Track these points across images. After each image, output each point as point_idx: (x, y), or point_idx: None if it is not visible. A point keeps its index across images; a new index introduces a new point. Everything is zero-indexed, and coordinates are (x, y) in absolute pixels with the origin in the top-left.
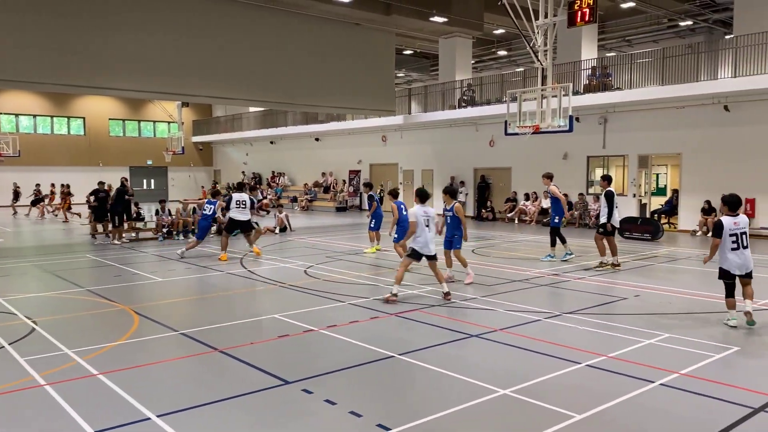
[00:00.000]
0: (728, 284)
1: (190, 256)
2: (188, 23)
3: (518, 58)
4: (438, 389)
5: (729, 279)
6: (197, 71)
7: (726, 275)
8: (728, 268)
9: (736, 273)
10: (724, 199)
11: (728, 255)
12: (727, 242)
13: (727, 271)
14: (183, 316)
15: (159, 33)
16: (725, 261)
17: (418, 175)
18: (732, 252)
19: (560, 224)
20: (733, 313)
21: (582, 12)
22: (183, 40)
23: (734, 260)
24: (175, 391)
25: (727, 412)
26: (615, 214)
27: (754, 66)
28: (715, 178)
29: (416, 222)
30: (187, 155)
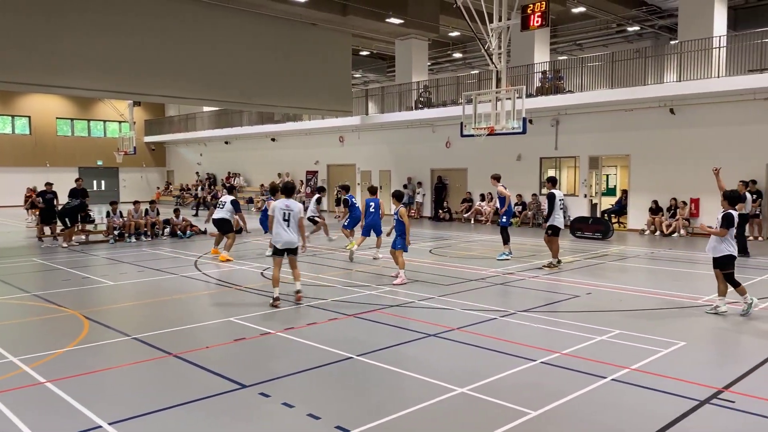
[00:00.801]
0: (732, 273)
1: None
2: (140, 21)
3: (473, 60)
4: (396, 389)
5: (732, 268)
6: (149, 70)
7: (732, 262)
8: (735, 255)
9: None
10: (725, 195)
11: (734, 244)
12: (732, 232)
13: (734, 257)
14: (136, 320)
15: (110, 31)
16: (734, 248)
17: (376, 176)
18: (734, 240)
19: (508, 224)
20: (743, 299)
21: (535, 16)
22: (135, 38)
23: (736, 248)
24: (128, 398)
25: (675, 405)
26: (559, 215)
27: (698, 71)
28: (661, 178)
29: (273, 216)
30: (139, 155)
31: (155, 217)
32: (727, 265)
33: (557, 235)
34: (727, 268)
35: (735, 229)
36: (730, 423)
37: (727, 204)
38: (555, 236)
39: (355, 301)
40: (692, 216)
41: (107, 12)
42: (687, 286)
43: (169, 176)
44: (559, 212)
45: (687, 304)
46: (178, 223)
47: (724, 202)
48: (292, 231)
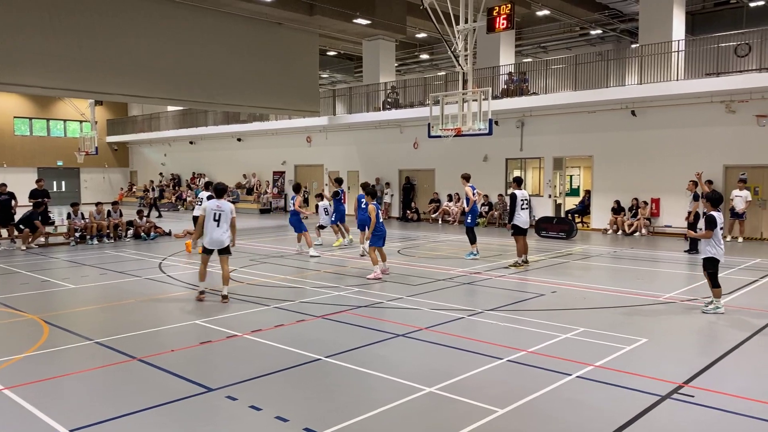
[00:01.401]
0: (714, 273)
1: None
2: (102, 18)
3: (440, 62)
4: (365, 390)
5: (715, 268)
6: (112, 68)
7: (716, 264)
8: (719, 257)
9: (722, 261)
10: (707, 197)
11: (720, 246)
12: (718, 234)
13: (717, 260)
14: (98, 324)
15: (71, 27)
16: (719, 251)
17: (344, 177)
18: (721, 242)
19: (474, 224)
20: (720, 300)
21: (500, 18)
22: (96, 35)
23: (723, 251)
24: (90, 404)
25: (638, 400)
26: (523, 215)
27: (658, 74)
28: (623, 179)
29: (203, 216)
30: (101, 156)
31: (118, 218)
32: (708, 265)
33: (521, 234)
34: (708, 268)
35: (721, 231)
36: (690, 417)
37: (710, 206)
38: (518, 235)
39: (324, 302)
40: (653, 215)
41: (67, 8)
42: (648, 284)
43: (133, 177)
44: (521, 212)
45: (649, 302)
46: (142, 224)
47: (707, 204)
48: (221, 230)
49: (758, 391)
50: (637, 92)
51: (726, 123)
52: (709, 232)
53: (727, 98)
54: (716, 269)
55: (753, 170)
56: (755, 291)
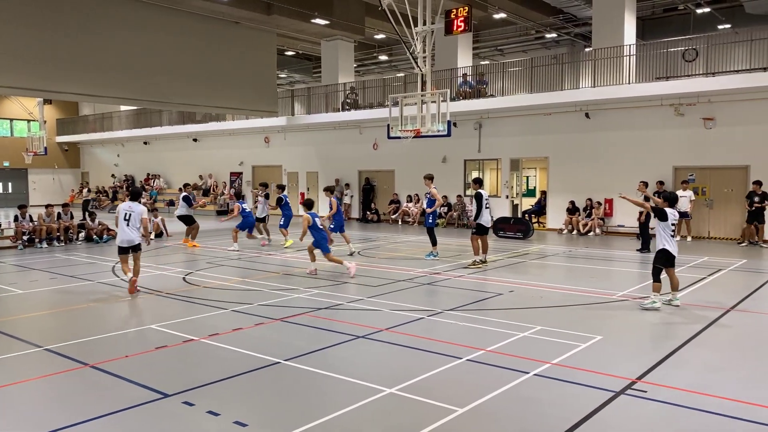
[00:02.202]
0: (659, 269)
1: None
2: (50, 12)
3: (399, 63)
4: (325, 392)
5: (665, 264)
6: (61, 66)
7: (668, 257)
8: (673, 251)
9: (677, 255)
10: (665, 196)
11: (671, 241)
12: (668, 230)
13: (670, 254)
14: (48, 330)
15: (15, 22)
16: (669, 245)
17: (303, 177)
18: (672, 239)
19: (434, 224)
20: (658, 296)
21: (458, 21)
22: (44, 31)
23: (674, 246)
24: (40, 413)
25: (594, 397)
26: (486, 215)
27: (610, 77)
28: (578, 180)
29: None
30: (50, 156)
31: (69, 221)
32: (657, 259)
33: (484, 234)
34: (657, 262)
35: (672, 229)
36: (643, 411)
37: (668, 205)
38: (481, 235)
39: (283, 305)
40: (606, 215)
41: (14, 5)
42: (602, 282)
43: (84, 178)
44: (485, 211)
45: (603, 300)
46: (94, 227)
47: (664, 204)
48: (131, 230)
49: (707, 386)
50: (590, 95)
51: (675, 125)
52: (647, 205)
53: (676, 101)
54: (663, 265)
55: (701, 171)
56: (704, 288)
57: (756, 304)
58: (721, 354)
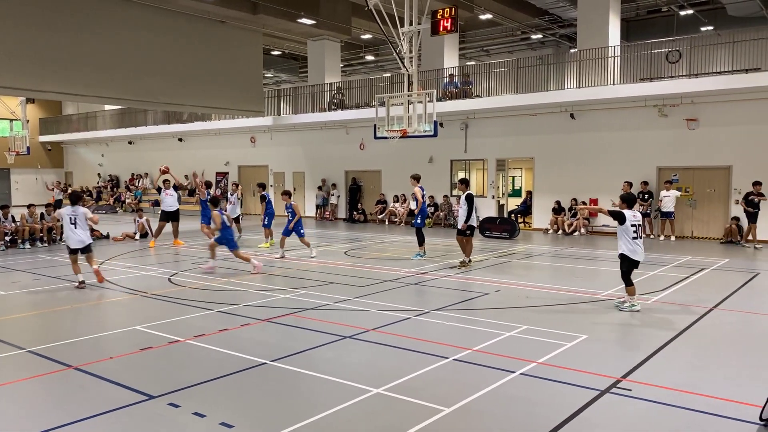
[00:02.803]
0: (627, 273)
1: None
2: (33, 10)
3: (385, 63)
4: (312, 393)
5: (630, 266)
6: (44, 65)
7: (629, 262)
8: (631, 255)
9: (639, 259)
10: (622, 197)
11: (632, 244)
12: (629, 232)
13: (630, 259)
14: (31, 332)
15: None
16: (631, 250)
17: (290, 177)
18: (634, 240)
19: (423, 224)
20: (629, 298)
21: (444, 21)
22: (27, 29)
23: (636, 248)
24: (23, 416)
25: (579, 395)
26: (473, 216)
27: (595, 78)
28: (563, 180)
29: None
30: (33, 156)
31: (52, 221)
32: (621, 263)
33: (472, 235)
34: (621, 266)
35: (633, 231)
36: (628, 410)
37: (626, 206)
38: (472, 236)
39: (269, 306)
40: (591, 215)
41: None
42: (588, 282)
43: (68, 178)
44: (474, 212)
45: (588, 299)
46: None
47: (622, 205)
48: (81, 231)
49: (692, 384)
50: (575, 96)
51: (659, 126)
52: (604, 209)
53: (660, 102)
54: (629, 268)
55: (684, 171)
56: (687, 287)
57: (739, 302)
58: (705, 352)
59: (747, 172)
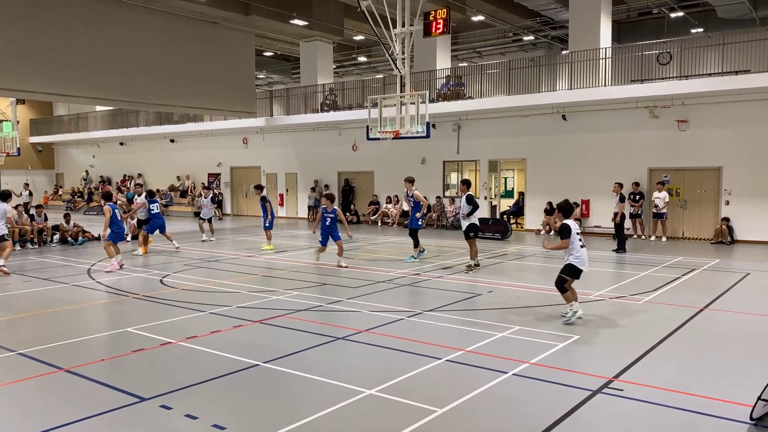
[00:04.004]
0: (564, 280)
1: None
2: (22, 10)
3: (378, 64)
4: (305, 395)
5: (574, 276)
6: (35, 65)
7: (574, 271)
8: (579, 265)
9: (585, 269)
10: (559, 207)
11: (579, 252)
12: (576, 241)
13: (576, 268)
14: (21, 334)
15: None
16: (577, 258)
17: (282, 178)
18: (582, 249)
19: (421, 226)
20: (569, 306)
21: (436, 23)
22: (17, 28)
23: (583, 257)
24: (14, 419)
25: (571, 396)
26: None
27: (586, 79)
28: (555, 181)
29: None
30: (23, 157)
31: (43, 222)
32: (564, 272)
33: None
34: (563, 274)
35: (579, 240)
36: (620, 410)
37: (562, 216)
38: (476, 237)
39: (261, 307)
40: (583, 216)
41: None
42: (579, 282)
43: (59, 179)
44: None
45: (580, 300)
46: (69, 229)
47: (559, 215)
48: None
49: (683, 384)
50: (567, 97)
51: (650, 127)
52: (566, 241)
53: (651, 104)
54: (572, 277)
55: (675, 173)
56: (678, 288)
57: (730, 302)
58: (697, 352)
59: (737, 173)
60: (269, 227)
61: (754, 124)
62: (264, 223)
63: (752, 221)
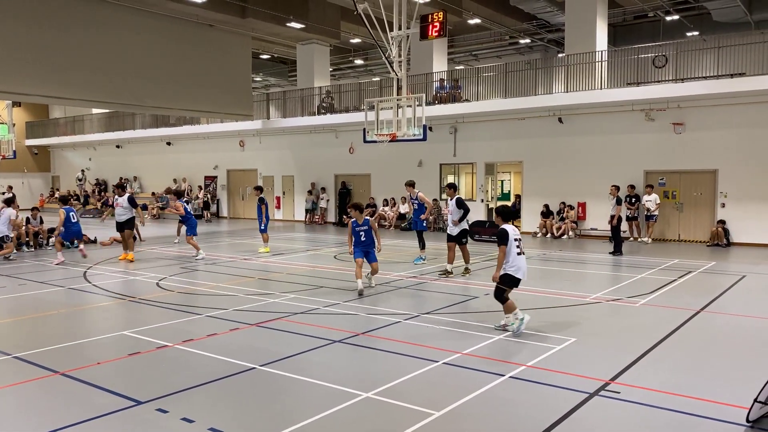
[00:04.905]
0: (502, 290)
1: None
2: (19, 12)
3: (374, 67)
4: (301, 398)
5: (510, 286)
6: (31, 68)
7: (510, 281)
8: (514, 273)
9: (521, 277)
10: (497, 210)
11: (516, 260)
12: (513, 248)
13: (513, 277)
14: (17, 337)
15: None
16: (513, 267)
17: (279, 181)
18: (519, 256)
19: (425, 228)
20: (513, 315)
21: (433, 26)
22: (14, 31)
23: (521, 264)
24: (9, 422)
25: (568, 398)
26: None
27: (583, 82)
28: (552, 183)
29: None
30: (19, 160)
31: (38, 225)
32: (502, 282)
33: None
34: (501, 284)
35: (516, 246)
36: (617, 412)
37: (501, 219)
38: (467, 243)
39: (258, 310)
40: (580, 219)
41: None
42: (576, 285)
43: (55, 182)
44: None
45: (576, 302)
46: None
47: (497, 218)
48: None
49: (677, 386)
50: (563, 100)
51: (645, 130)
52: (503, 247)
53: (647, 107)
54: (510, 287)
55: (671, 175)
56: (674, 290)
57: (726, 305)
58: (693, 355)
59: (732, 175)
60: (264, 230)
61: (750, 127)
62: (260, 226)
63: (748, 224)
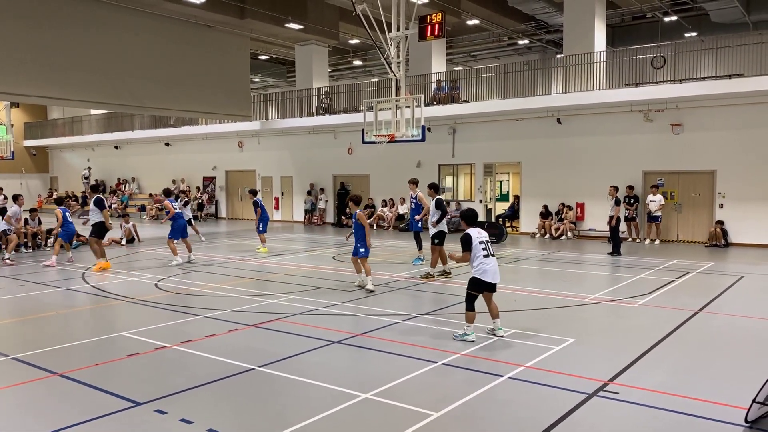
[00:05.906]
0: (472, 296)
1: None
2: (17, 13)
3: (373, 68)
4: (300, 398)
5: (478, 290)
6: (29, 69)
7: (478, 285)
8: (482, 277)
9: (491, 281)
10: (462, 214)
11: (483, 263)
12: (479, 251)
13: (479, 281)
14: (15, 338)
15: None
16: (479, 270)
17: (278, 182)
18: (486, 258)
19: (421, 229)
20: (471, 327)
21: (432, 27)
22: (11, 32)
23: (489, 267)
24: (8, 424)
25: (567, 399)
26: (444, 222)
27: (581, 83)
28: (550, 184)
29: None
30: (17, 161)
31: (37, 226)
32: (469, 286)
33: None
34: (469, 289)
35: (482, 249)
36: (615, 413)
37: (465, 223)
38: (442, 245)
39: (256, 311)
40: (578, 219)
41: None
42: (574, 285)
43: (53, 183)
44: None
45: (575, 303)
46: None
47: (462, 223)
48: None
49: (675, 386)
50: (561, 101)
51: (644, 131)
52: (467, 253)
53: (645, 107)
54: (478, 291)
55: (669, 176)
56: (672, 291)
57: (724, 305)
58: (691, 355)
59: (731, 176)
60: (262, 230)
61: (748, 128)
62: (257, 227)
63: (746, 224)
